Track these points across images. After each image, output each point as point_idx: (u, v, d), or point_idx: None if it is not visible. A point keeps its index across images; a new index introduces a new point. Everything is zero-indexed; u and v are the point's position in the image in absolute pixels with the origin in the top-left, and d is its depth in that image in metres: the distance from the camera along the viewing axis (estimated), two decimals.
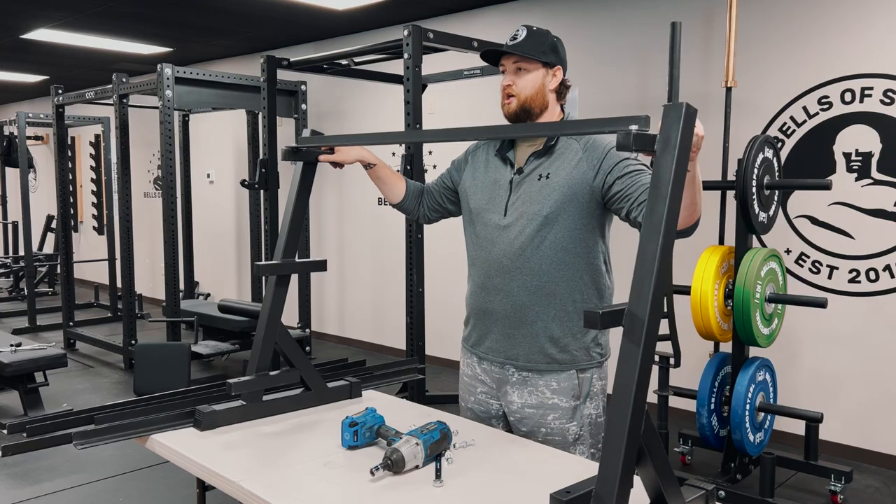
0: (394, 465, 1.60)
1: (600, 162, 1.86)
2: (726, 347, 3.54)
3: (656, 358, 3.49)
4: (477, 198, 2.03)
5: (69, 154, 7.48)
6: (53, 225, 9.03)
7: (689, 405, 3.97)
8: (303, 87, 5.97)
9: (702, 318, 3.28)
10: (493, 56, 1.98)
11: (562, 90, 1.98)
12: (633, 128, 1.25)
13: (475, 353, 2.07)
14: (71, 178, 9.39)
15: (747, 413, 3.25)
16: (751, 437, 3.31)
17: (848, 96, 3.81)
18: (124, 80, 5.57)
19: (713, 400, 3.45)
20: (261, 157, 5.44)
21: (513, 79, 1.93)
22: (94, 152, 9.47)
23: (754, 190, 3.24)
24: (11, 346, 4.50)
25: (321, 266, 2.20)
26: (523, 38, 1.91)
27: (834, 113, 3.86)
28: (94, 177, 9.49)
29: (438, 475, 1.57)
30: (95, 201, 9.57)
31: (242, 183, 5.11)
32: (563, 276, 1.90)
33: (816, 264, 3.97)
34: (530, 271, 1.91)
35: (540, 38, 1.92)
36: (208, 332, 5.68)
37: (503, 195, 1.96)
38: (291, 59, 4.69)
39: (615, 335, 1.27)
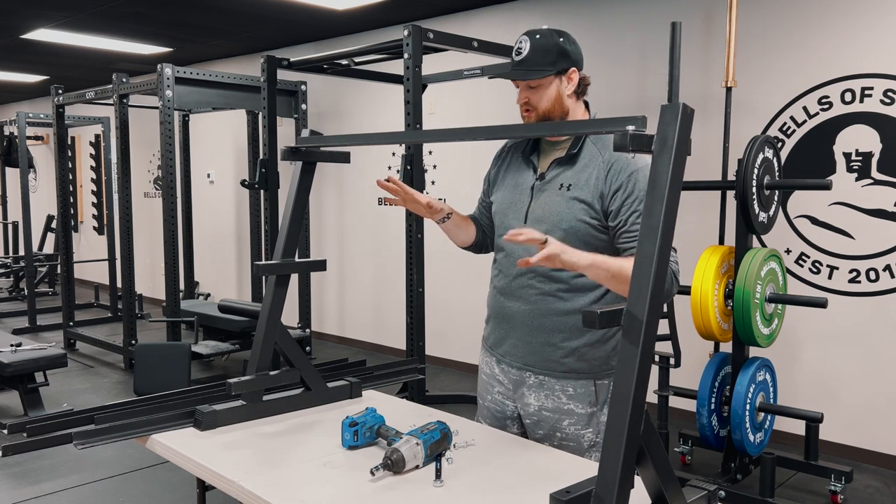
0: (394, 465, 1.60)
1: (618, 188, 1.78)
2: (726, 347, 3.54)
3: (656, 358, 3.49)
4: (499, 198, 2.00)
5: (69, 154, 7.48)
6: (53, 225, 9.03)
7: (689, 405, 3.96)
8: (303, 87, 5.97)
9: (702, 318, 3.28)
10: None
11: (581, 88, 1.89)
12: (630, 128, 1.26)
13: (494, 353, 2.03)
14: (71, 178, 9.39)
15: (747, 413, 3.25)
16: (751, 437, 3.31)
17: (848, 96, 3.81)
18: (124, 80, 5.57)
19: (713, 400, 3.45)
20: (261, 157, 5.44)
21: (527, 95, 1.86)
22: (94, 152, 9.47)
23: (754, 190, 3.24)
24: (11, 346, 4.50)
25: (321, 266, 2.20)
26: (528, 53, 1.82)
27: (834, 113, 3.86)
28: (94, 177, 9.49)
29: (438, 475, 1.57)
30: (95, 201, 9.57)
31: (242, 183, 5.11)
32: (581, 288, 1.85)
33: (816, 264, 3.97)
34: (549, 281, 1.87)
35: (546, 47, 1.82)
36: (208, 332, 5.68)
37: (524, 200, 1.91)
38: (291, 59, 4.69)
39: None
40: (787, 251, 4.03)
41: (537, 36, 1.83)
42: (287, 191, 2.10)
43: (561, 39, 1.85)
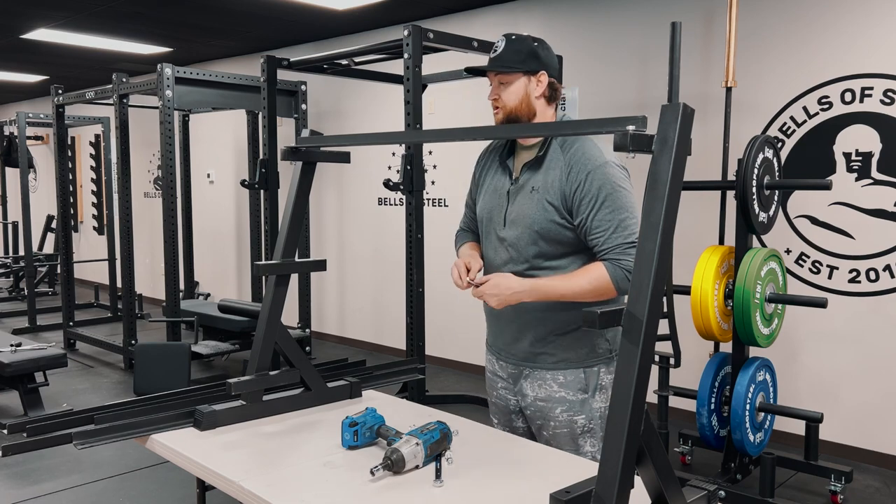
0: (394, 465, 1.60)
1: (577, 187, 1.86)
2: (726, 347, 3.54)
3: (656, 358, 3.49)
4: (482, 204, 2.09)
5: (69, 154, 7.48)
6: (53, 225, 9.03)
7: (689, 405, 3.97)
8: (303, 87, 5.97)
9: (702, 318, 3.28)
10: (480, 70, 2.01)
11: (552, 94, 1.97)
12: (631, 128, 1.26)
13: (494, 352, 2.15)
14: (71, 178, 9.38)
15: (747, 413, 3.25)
16: (751, 437, 3.31)
17: (848, 96, 3.81)
18: (124, 80, 5.57)
19: (713, 400, 3.45)
20: (261, 157, 5.44)
21: (497, 92, 1.95)
22: (94, 152, 9.47)
23: (754, 190, 3.24)
24: (11, 346, 4.50)
25: (321, 266, 2.21)
26: (502, 51, 1.92)
27: (834, 113, 3.86)
28: (94, 177, 9.49)
29: (438, 475, 1.57)
30: (95, 201, 9.57)
31: (242, 183, 5.11)
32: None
33: (816, 264, 3.97)
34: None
35: (518, 47, 1.91)
36: (208, 332, 5.67)
37: (503, 205, 2.00)
38: (291, 59, 4.69)
39: None
40: (787, 251, 4.03)
41: (513, 37, 1.93)
42: (287, 191, 2.10)
43: (535, 44, 1.93)
